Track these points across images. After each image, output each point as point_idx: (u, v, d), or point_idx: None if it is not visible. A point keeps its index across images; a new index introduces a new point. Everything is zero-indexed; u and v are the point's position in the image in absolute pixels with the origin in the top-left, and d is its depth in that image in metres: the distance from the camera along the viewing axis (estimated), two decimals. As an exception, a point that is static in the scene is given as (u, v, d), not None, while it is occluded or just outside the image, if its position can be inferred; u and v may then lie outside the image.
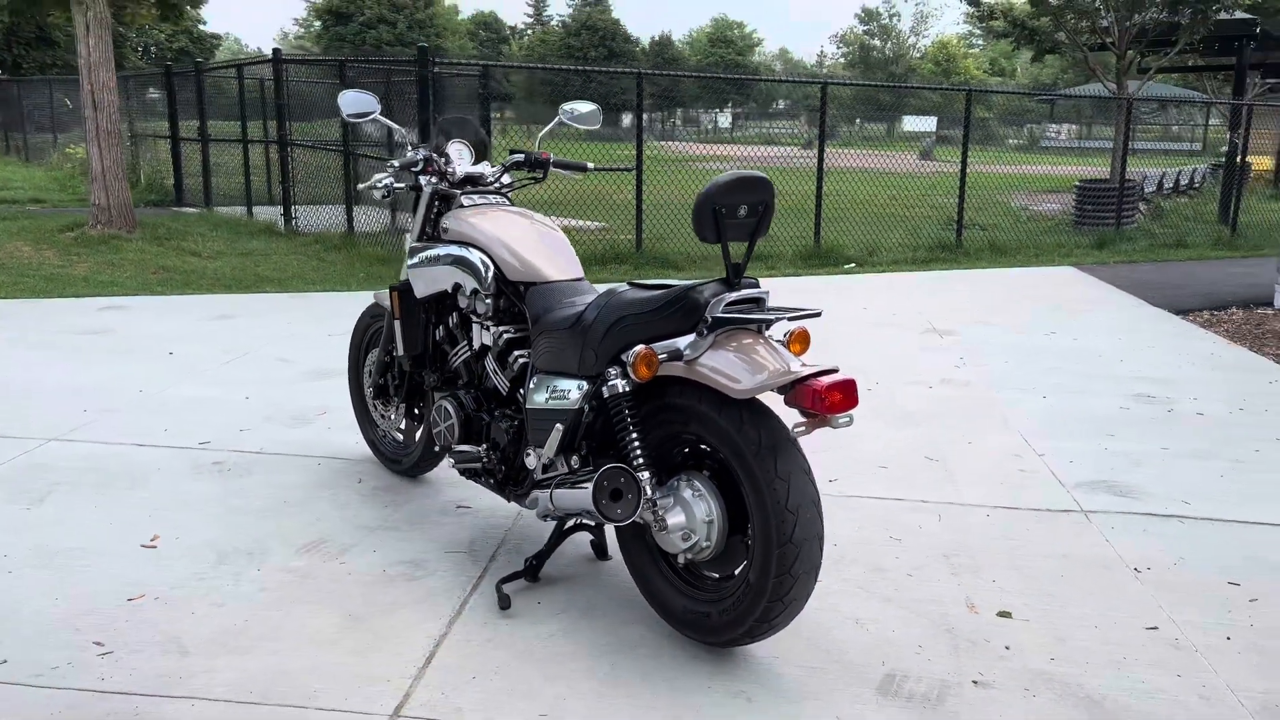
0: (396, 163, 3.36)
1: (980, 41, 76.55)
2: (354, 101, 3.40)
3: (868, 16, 64.36)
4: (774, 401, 2.43)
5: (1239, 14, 14.97)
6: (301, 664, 2.58)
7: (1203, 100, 21.71)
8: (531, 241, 3.10)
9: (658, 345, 2.51)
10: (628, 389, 2.60)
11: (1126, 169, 13.25)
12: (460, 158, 3.37)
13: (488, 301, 3.07)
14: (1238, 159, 14.07)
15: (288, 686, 2.47)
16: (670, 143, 37.28)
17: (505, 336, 3.07)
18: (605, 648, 2.69)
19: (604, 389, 2.62)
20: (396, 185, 3.43)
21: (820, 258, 10.37)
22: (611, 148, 15.83)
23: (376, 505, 3.62)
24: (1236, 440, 4.59)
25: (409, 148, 3.41)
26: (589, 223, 10.77)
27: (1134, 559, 3.30)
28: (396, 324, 3.41)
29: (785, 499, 2.36)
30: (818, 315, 2.44)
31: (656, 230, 10.17)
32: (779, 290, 7.75)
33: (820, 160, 10.74)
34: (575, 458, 2.78)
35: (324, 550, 3.23)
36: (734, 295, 2.44)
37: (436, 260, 3.22)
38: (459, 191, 3.33)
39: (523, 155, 3.38)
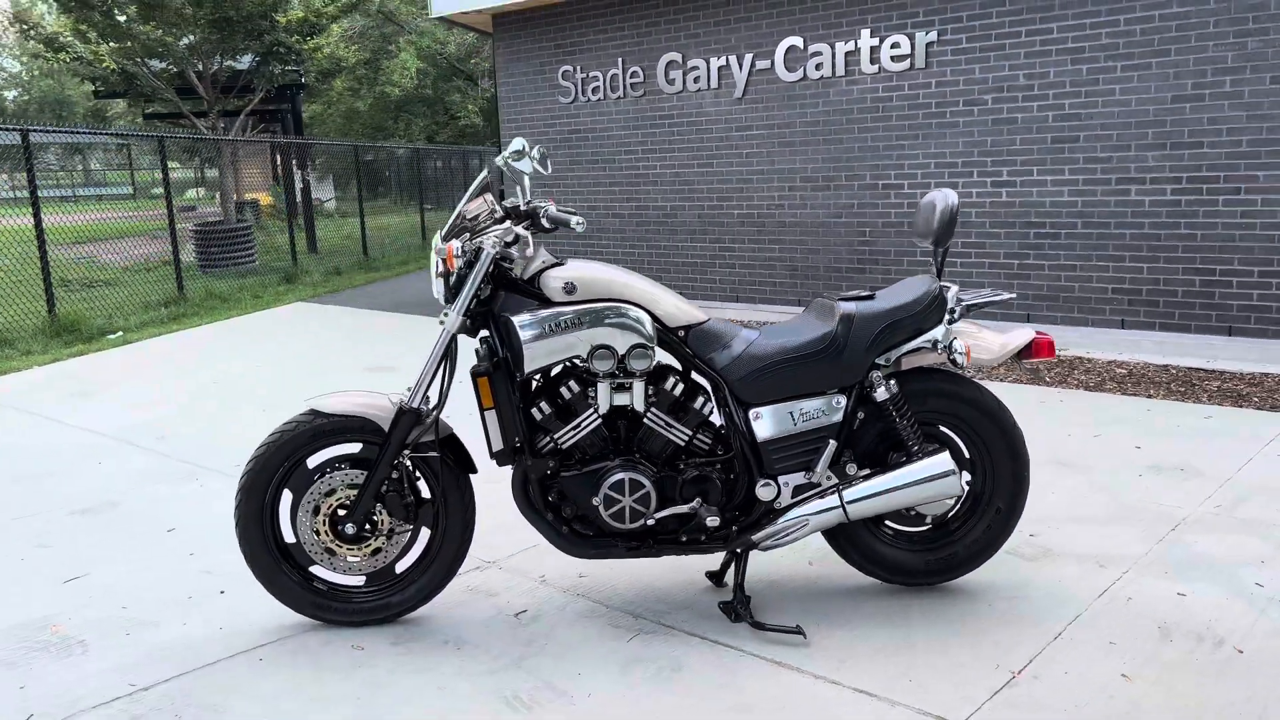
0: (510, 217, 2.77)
1: None
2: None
3: None
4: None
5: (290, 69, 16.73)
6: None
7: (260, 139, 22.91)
8: (661, 287, 2.96)
9: (916, 343, 2.92)
10: (897, 387, 2.93)
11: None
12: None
13: (650, 355, 2.84)
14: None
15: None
16: None
17: (679, 386, 2.90)
18: (883, 635, 2.91)
19: (878, 393, 2.89)
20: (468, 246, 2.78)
21: (69, 332, 8.83)
22: None
23: (466, 655, 2.84)
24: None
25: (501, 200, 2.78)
26: None
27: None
28: (489, 415, 2.78)
29: (1022, 438, 3.09)
30: (1013, 297, 3.16)
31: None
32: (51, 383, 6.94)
33: (37, 217, 9.01)
34: (851, 465, 2.92)
35: (541, 698, 2.57)
36: (956, 290, 3.02)
37: (575, 325, 2.77)
38: (513, 249, 2.87)
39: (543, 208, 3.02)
